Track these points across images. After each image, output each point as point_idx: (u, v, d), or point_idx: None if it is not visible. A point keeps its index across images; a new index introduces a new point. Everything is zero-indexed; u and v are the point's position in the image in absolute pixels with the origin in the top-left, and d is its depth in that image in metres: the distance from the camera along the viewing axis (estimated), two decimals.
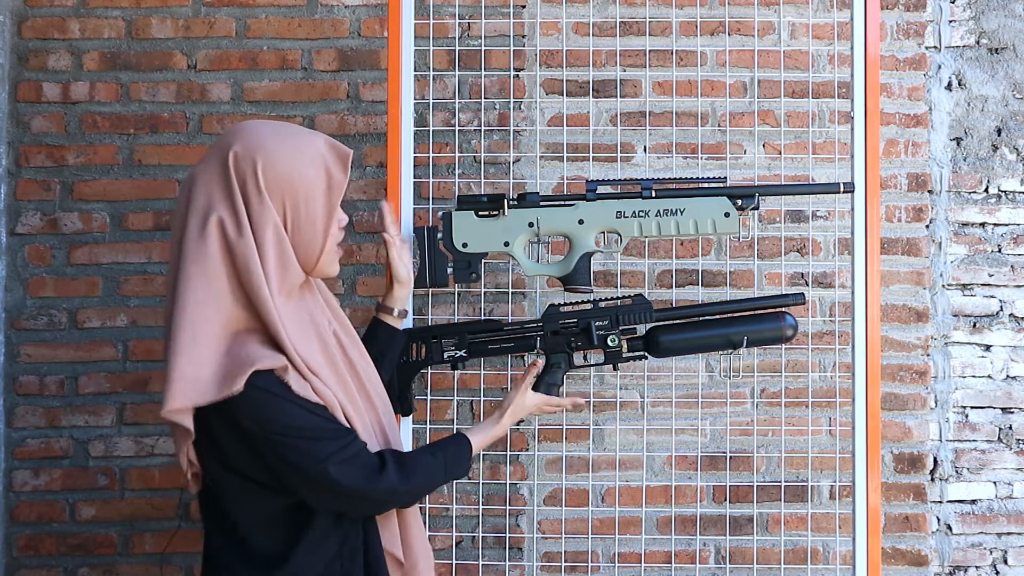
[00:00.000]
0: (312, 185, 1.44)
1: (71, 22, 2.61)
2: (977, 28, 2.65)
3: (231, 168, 1.41)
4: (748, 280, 2.56)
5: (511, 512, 2.54)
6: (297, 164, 1.43)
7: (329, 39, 2.63)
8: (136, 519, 2.55)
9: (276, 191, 1.41)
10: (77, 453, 2.56)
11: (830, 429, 2.56)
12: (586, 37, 2.59)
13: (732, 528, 2.53)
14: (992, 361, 2.63)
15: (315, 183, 1.44)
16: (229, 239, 1.39)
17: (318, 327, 1.51)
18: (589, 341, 1.98)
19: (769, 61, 2.60)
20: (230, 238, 1.39)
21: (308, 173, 1.43)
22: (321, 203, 1.45)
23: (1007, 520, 2.61)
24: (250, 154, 1.41)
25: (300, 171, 1.43)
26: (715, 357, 2.55)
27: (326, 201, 1.45)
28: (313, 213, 1.44)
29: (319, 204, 1.45)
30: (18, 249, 2.59)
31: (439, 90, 2.60)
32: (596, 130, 2.58)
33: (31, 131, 2.60)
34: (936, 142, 2.64)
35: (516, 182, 2.54)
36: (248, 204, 1.40)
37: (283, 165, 1.42)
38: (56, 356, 2.57)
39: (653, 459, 2.55)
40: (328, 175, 1.45)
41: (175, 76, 2.62)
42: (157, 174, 2.61)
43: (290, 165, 1.42)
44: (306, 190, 1.43)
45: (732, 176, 2.54)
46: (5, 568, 2.53)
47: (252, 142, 1.42)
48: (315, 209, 1.44)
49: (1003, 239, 2.64)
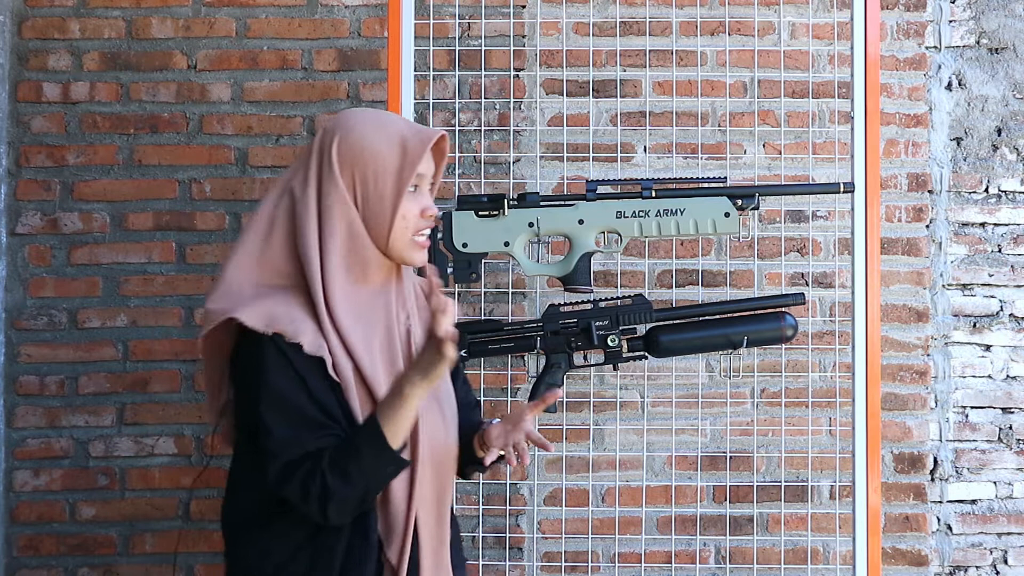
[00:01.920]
0: (384, 161, 1.45)
1: (71, 22, 2.61)
2: (977, 28, 2.65)
3: (316, 143, 1.48)
4: (748, 280, 2.56)
5: (511, 512, 2.54)
6: (372, 140, 1.46)
7: (329, 39, 2.63)
8: (136, 519, 2.55)
9: (347, 164, 1.44)
10: (77, 453, 2.56)
11: (830, 429, 2.56)
12: (586, 37, 2.59)
13: (732, 528, 2.53)
14: (992, 361, 2.63)
15: (387, 159, 1.45)
16: (295, 200, 1.45)
17: (388, 316, 1.48)
18: (589, 341, 1.99)
19: (769, 61, 2.60)
20: (296, 199, 1.45)
21: (382, 149, 1.46)
22: (392, 180, 1.45)
23: (1007, 520, 2.61)
24: (333, 131, 1.47)
25: (373, 147, 1.45)
26: (715, 357, 2.55)
27: (396, 179, 1.45)
28: (382, 189, 1.45)
29: (389, 180, 1.45)
30: (18, 249, 2.59)
31: (439, 90, 2.60)
32: (596, 130, 2.58)
33: (31, 131, 2.60)
34: (936, 142, 2.64)
35: (516, 182, 2.54)
36: (321, 175, 1.45)
37: (357, 140, 1.45)
38: (56, 356, 2.57)
39: (653, 459, 2.55)
40: (403, 153, 1.46)
41: (175, 76, 2.62)
42: (157, 174, 2.61)
43: (365, 140, 1.45)
44: (377, 165, 1.45)
45: (732, 176, 2.54)
46: (5, 568, 2.53)
47: (340, 121, 1.49)
48: (384, 185, 1.45)
49: (1003, 239, 2.64)
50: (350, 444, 1.38)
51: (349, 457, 1.37)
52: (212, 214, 2.60)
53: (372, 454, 1.37)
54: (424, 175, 1.49)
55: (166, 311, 2.58)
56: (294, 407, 1.39)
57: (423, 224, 1.49)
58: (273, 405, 1.39)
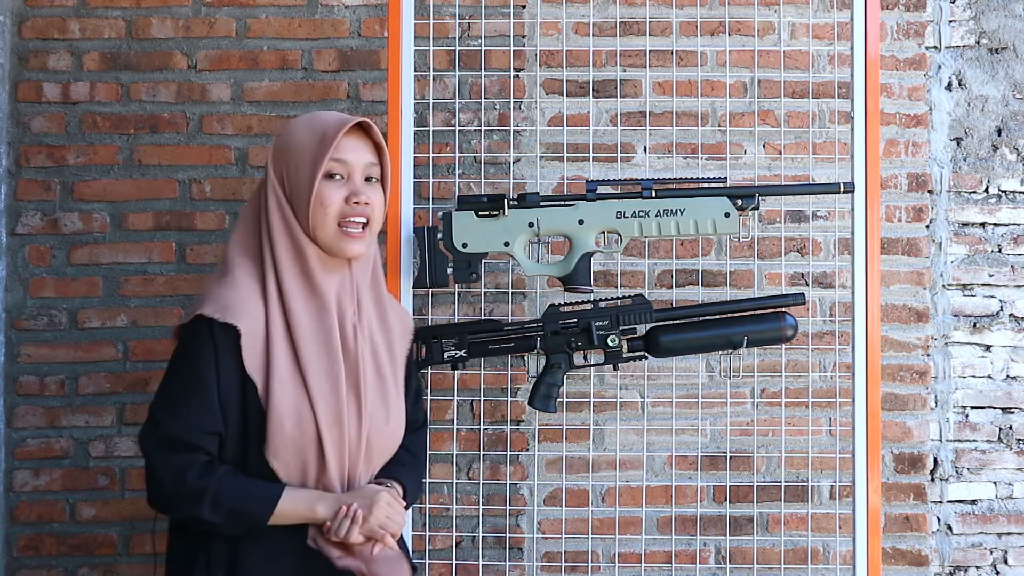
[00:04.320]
0: (304, 150, 1.51)
1: (71, 22, 2.61)
2: (977, 28, 2.65)
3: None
4: (748, 280, 2.56)
5: (511, 512, 2.54)
6: (297, 134, 1.53)
7: (329, 39, 2.63)
8: (136, 519, 2.55)
9: (278, 159, 1.53)
10: (77, 453, 2.56)
11: (830, 429, 2.56)
12: (586, 37, 2.59)
13: (732, 528, 2.53)
14: (992, 361, 2.63)
15: (306, 148, 1.51)
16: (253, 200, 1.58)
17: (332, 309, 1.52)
18: (589, 341, 1.99)
19: (769, 61, 2.60)
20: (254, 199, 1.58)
21: (303, 139, 1.52)
22: (308, 166, 1.50)
23: (1007, 520, 2.61)
24: (278, 135, 1.59)
25: (297, 139, 1.52)
26: (715, 357, 2.55)
27: (312, 165, 1.50)
28: (301, 176, 1.51)
29: (306, 167, 1.50)
30: (18, 249, 2.59)
31: (439, 90, 2.60)
32: (596, 130, 2.58)
33: (31, 131, 2.60)
34: (936, 142, 2.64)
35: (516, 182, 2.54)
36: (265, 175, 1.55)
37: (286, 136, 1.55)
38: (56, 356, 2.57)
39: (653, 459, 2.55)
40: (320, 141, 1.50)
41: (175, 76, 2.62)
42: (157, 174, 2.61)
43: (291, 136, 1.54)
44: (298, 155, 1.51)
45: (732, 176, 2.54)
46: (5, 568, 2.53)
47: (285, 126, 1.58)
48: (303, 172, 1.51)
49: (1003, 239, 2.64)
50: (245, 485, 1.46)
51: (237, 492, 1.45)
52: (212, 214, 2.60)
53: (250, 509, 1.45)
54: (349, 162, 1.52)
55: (166, 311, 2.58)
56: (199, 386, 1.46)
57: (350, 212, 1.51)
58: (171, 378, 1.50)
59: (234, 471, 1.47)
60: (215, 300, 1.47)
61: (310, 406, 1.47)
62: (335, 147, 1.49)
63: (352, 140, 1.53)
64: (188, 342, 1.48)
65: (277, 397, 1.45)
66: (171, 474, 1.44)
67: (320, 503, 1.47)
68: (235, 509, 1.44)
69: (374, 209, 1.54)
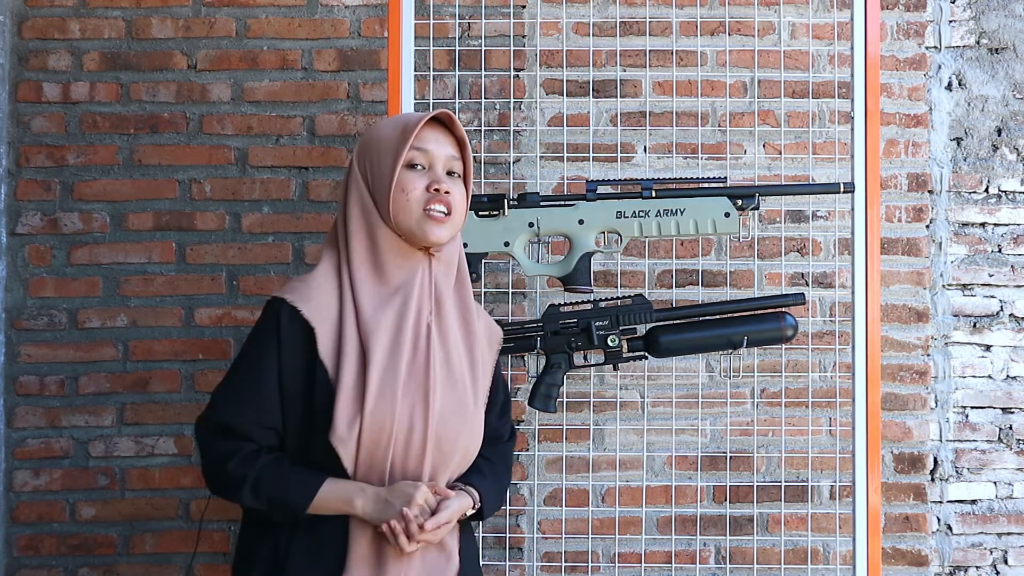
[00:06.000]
0: (387, 143, 1.53)
1: (71, 22, 2.61)
2: (977, 28, 2.65)
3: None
4: (748, 280, 2.56)
5: (511, 512, 2.54)
6: (380, 131, 1.56)
7: (329, 39, 2.63)
8: (136, 519, 2.55)
9: (362, 154, 1.56)
10: (77, 453, 2.56)
11: (830, 429, 2.56)
12: (586, 37, 2.59)
13: (732, 528, 2.53)
14: (992, 361, 2.63)
15: (389, 141, 1.53)
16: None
17: (406, 307, 1.51)
18: (589, 341, 1.99)
19: (769, 61, 2.60)
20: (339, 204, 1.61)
21: (386, 134, 1.54)
22: (390, 156, 1.52)
23: (1007, 520, 2.61)
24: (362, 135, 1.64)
25: (380, 134, 1.55)
26: (715, 357, 2.55)
27: (394, 154, 1.52)
28: (384, 167, 1.52)
29: (388, 157, 1.52)
30: (18, 249, 2.59)
31: (439, 90, 2.60)
32: (596, 130, 2.58)
33: (31, 131, 2.60)
34: (936, 142, 2.64)
35: (516, 182, 2.54)
36: (348, 173, 1.58)
37: (370, 134, 1.57)
38: (56, 356, 2.57)
39: (653, 459, 2.55)
40: (401, 132, 1.53)
41: (175, 76, 2.62)
42: (157, 174, 2.60)
43: (375, 132, 1.56)
44: (381, 148, 1.54)
45: (732, 176, 2.54)
46: (5, 568, 2.53)
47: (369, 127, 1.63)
48: (385, 163, 1.53)
49: (1003, 239, 2.64)
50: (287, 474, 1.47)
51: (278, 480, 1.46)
52: (212, 214, 2.60)
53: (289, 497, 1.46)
54: (431, 152, 1.53)
55: (166, 311, 2.58)
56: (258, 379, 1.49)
57: (432, 200, 1.52)
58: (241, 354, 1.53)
59: (279, 460, 1.49)
60: (294, 286, 1.53)
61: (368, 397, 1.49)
62: (416, 136, 1.51)
63: (434, 132, 1.54)
64: (259, 326, 1.52)
65: (346, 383, 1.46)
66: (216, 460, 1.49)
67: (359, 496, 1.47)
68: (274, 497, 1.46)
69: (456, 201, 1.54)
